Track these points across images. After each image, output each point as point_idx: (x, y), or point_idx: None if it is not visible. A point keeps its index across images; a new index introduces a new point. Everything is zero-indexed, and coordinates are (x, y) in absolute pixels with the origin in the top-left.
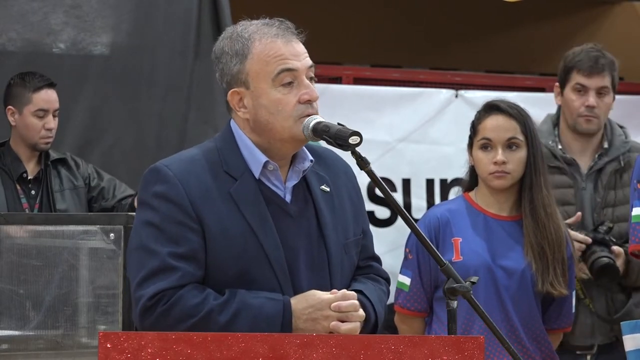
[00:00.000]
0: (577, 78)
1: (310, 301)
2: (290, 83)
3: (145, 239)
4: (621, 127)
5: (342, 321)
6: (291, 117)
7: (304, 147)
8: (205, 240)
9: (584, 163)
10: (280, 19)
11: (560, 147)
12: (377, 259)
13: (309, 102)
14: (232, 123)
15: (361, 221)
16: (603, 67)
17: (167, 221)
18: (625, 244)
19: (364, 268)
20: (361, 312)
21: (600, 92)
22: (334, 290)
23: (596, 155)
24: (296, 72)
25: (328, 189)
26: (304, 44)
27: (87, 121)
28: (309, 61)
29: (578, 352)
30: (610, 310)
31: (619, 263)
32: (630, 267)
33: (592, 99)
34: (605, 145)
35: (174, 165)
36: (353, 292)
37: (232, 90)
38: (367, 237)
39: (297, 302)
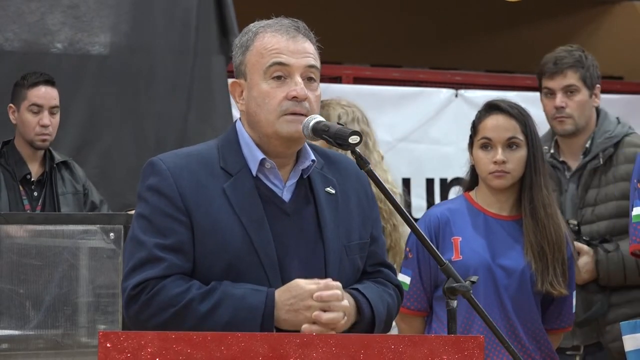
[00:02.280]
0: (544, 82)
1: (292, 292)
2: (280, 77)
3: (137, 231)
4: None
5: (325, 311)
6: (275, 111)
7: (307, 148)
8: (193, 233)
9: (574, 165)
10: (295, 19)
11: (552, 151)
12: (389, 266)
13: (296, 98)
14: (238, 121)
15: (370, 226)
16: (564, 66)
17: (156, 213)
18: (603, 244)
19: (373, 274)
20: (345, 302)
21: (567, 91)
22: (317, 280)
23: (581, 156)
24: (289, 67)
25: (333, 191)
26: None
27: (85, 121)
28: (309, 61)
29: (568, 353)
30: (586, 312)
31: (583, 262)
32: (600, 267)
33: (558, 100)
34: (588, 144)
35: (168, 159)
36: (337, 283)
37: (233, 80)
38: (378, 244)
39: (281, 294)
